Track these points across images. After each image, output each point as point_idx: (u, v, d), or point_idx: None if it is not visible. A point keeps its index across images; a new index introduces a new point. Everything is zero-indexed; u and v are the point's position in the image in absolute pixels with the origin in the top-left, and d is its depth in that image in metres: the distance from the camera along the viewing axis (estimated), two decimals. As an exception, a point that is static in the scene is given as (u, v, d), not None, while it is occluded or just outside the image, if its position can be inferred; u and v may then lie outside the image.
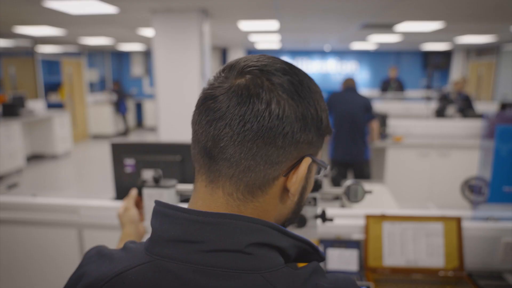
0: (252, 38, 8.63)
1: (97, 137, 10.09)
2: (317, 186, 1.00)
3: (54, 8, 4.47)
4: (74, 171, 7.42)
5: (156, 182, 1.12)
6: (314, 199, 1.01)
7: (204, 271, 0.50)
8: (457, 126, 5.07)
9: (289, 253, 0.55)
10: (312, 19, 5.88)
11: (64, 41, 8.64)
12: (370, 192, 1.08)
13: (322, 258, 0.59)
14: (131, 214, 1.08)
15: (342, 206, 2.11)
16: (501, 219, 1.60)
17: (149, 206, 1.12)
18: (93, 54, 10.88)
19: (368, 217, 1.48)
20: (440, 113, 5.74)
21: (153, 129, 10.60)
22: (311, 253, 0.58)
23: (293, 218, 0.62)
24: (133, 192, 1.15)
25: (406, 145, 4.48)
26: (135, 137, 10.37)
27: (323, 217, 1.04)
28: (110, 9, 4.62)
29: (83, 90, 9.84)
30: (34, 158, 7.59)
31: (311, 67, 12.20)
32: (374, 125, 4.18)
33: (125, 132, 10.32)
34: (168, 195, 1.10)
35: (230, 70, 0.55)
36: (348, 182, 1.07)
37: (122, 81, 11.94)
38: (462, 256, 1.45)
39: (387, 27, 6.60)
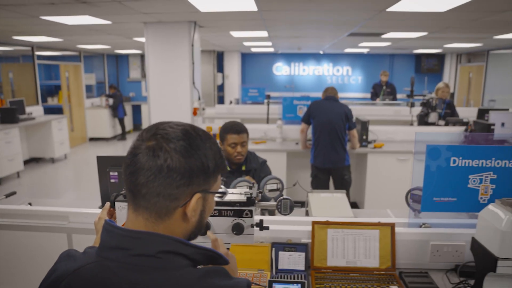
0: (247, 43, 8.86)
1: (95, 140, 10.34)
2: (251, 201, 1.23)
3: (51, 19, 4.70)
4: (71, 174, 7.66)
5: (126, 197, 1.36)
6: (250, 211, 1.24)
7: (130, 268, 0.76)
8: (440, 132, 5.30)
9: (194, 258, 0.82)
10: (300, 29, 6.11)
11: (62, 47, 8.88)
12: (299, 205, 1.31)
13: (226, 262, 0.87)
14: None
15: (307, 214, 2.34)
16: (433, 225, 1.84)
17: (120, 216, 1.36)
18: (91, 57, 11.09)
19: (314, 224, 1.71)
20: (422, 119, 5.94)
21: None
22: (217, 258, 0.85)
23: (197, 232, 0.89)
24: (107, 204, 1.38)
25: (385, 151, 4.71)
26: (132, 141, 10.58)
27: (260, 225, 1.28)
28: (104, 21, 4.87)
29: (81, 94, 10.07)
30: (33, 161, 7.84)
31: (306, 70, 12.45)
32: (355, 133, 4.41)
33: (123, 136, 10.54)
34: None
35: (146, 133, 0.82)
36: (281, 197, 1.31)
37: (120, 84, 12.17)
38: (394, 257, 1.69)
39: (375, 35, 6.85)
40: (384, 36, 6.78)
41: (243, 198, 1.23)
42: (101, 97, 10.57)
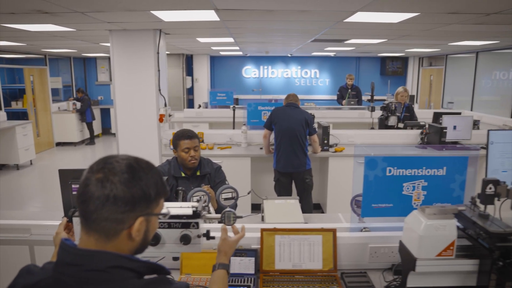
0: (215, 47, 8.95)
1: (62, 145, 10.17)
2: (197, 215, 1.36)
3: (12, 26, 4.66)
4: (36, 181, 7.55)
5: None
6: (197, 223, 1.37)
7: (83, 281, 0.89)
8: (398, 135, 5.59)
9: (140, 271, 0.95)
10: (265, 36, 6.27)
11: (26, 50, 8.70)
12: (240, 217, 1.45)
13: (167, 272, 1.00)
14: (61, 237, 1.42)
15: (262, 220, 2.48)
16: (372, 229, 2.02)
17: (78, 231, 1.46)
18: (57, 60, 10.86)
19: (262, 231, 1.86)
20: (383, 122, 6.20)
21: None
22: (159, 269, 0.98)
23: (143, 248, 1.03)
24: (64, 220, 1.49)
25: (346, 154, 4.92)
26: (101, 145, 10.50)
27: (207, 235, 1.41)
28: (68, 29, 4.87)
29: (47, 98, 9.86)
30: (-3, 168, 7.69)
31: (275, 72, 12.65)
32: (315, 138, 4.59)
33: (91, 140, 10.41)
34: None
35: (96, 166, 0.94)
36: (225, 209, 1.44)
37: (88, 87, 11.99)
38: (336, 260, 1.85)
39: (338, 41, 7.09)
40: (347, 42, 7.03)
41: (189, 211, 1.36)
42: (68, 101, 10.39)
